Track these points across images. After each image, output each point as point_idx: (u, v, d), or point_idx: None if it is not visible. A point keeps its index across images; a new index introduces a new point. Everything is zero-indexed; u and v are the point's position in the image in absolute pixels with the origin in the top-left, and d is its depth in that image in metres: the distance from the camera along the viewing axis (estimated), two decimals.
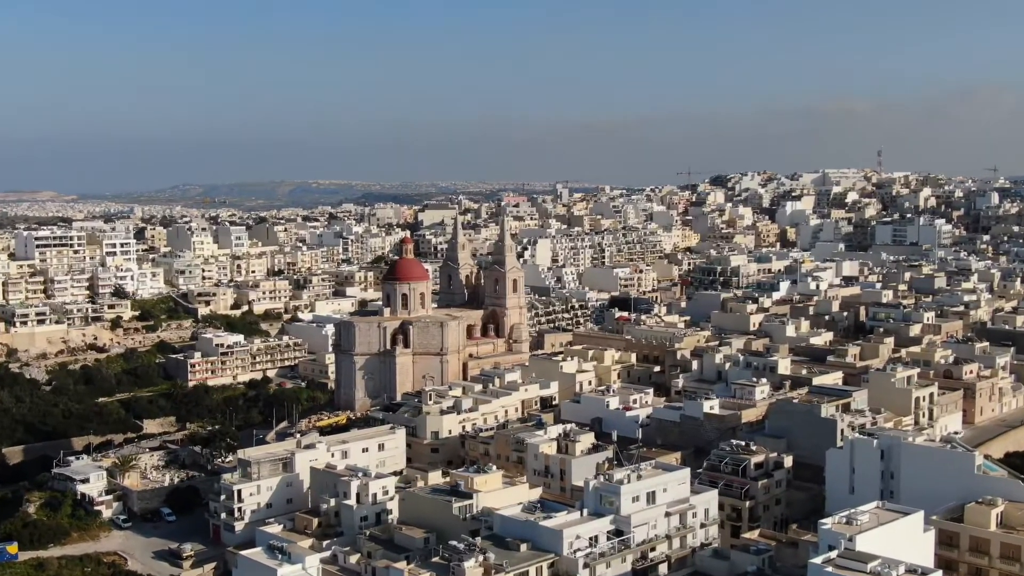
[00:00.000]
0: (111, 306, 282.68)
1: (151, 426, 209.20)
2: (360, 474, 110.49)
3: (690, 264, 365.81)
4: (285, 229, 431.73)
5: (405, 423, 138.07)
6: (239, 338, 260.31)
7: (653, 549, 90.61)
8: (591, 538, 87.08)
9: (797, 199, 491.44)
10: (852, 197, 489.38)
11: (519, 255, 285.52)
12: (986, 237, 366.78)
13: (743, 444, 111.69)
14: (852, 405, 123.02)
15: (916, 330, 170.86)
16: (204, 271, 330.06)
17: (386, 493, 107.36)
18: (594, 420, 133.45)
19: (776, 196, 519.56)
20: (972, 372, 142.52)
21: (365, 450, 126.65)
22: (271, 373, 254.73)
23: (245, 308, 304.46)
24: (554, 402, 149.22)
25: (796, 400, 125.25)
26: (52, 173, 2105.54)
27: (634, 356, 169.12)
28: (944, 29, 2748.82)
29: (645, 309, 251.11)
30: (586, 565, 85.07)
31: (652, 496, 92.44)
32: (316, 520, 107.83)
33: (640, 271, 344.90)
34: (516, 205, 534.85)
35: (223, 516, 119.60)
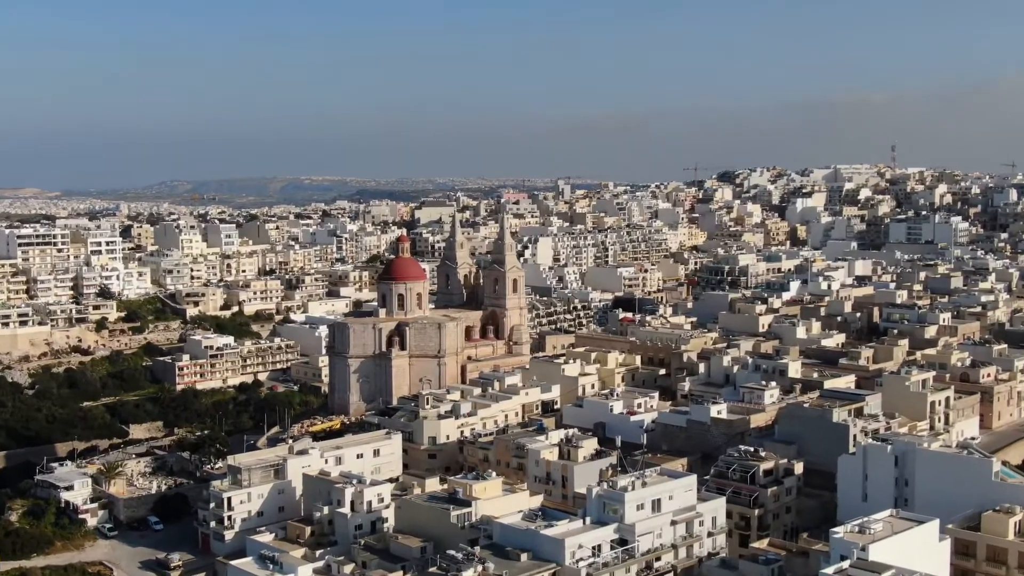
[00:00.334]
0: (96, 307, 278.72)
1: (138, 431, 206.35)
2: (355, 481, 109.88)
3: (697, 263, 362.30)
4: (277, 227, 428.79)
5: (401, 428, 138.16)
6: (229, 340, 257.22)
7: (658, 559, 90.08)
8: (594, 547, 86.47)
9: (808, 196, 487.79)
10: (865, 194, 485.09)
11: (519, 254, 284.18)
12: (1004, 235, 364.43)
13: (752, 450, 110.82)
14: (865, 409, 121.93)
15: (931, 332, 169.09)
16: (193, 270, 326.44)
17: (381, 501, 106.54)
18: (597, 425, 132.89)
19: (786, 193, 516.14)
20: (989, 375, 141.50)
21: (360, 456, 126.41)
22: (262, 376, 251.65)
23: (235, 309, 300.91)
24: (556, 406, 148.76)
25: (807, 404, 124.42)
26: (35, 169, 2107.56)
27: (639, 358, 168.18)
28: (962, 20, 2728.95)
29: (650, 310, 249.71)
30: (589, 575, 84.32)
31: (657, 504, 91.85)
32: (309, 529, 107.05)
33: (645, 270, 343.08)
34: (516, 202, 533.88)
35: (212, 524, 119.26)
